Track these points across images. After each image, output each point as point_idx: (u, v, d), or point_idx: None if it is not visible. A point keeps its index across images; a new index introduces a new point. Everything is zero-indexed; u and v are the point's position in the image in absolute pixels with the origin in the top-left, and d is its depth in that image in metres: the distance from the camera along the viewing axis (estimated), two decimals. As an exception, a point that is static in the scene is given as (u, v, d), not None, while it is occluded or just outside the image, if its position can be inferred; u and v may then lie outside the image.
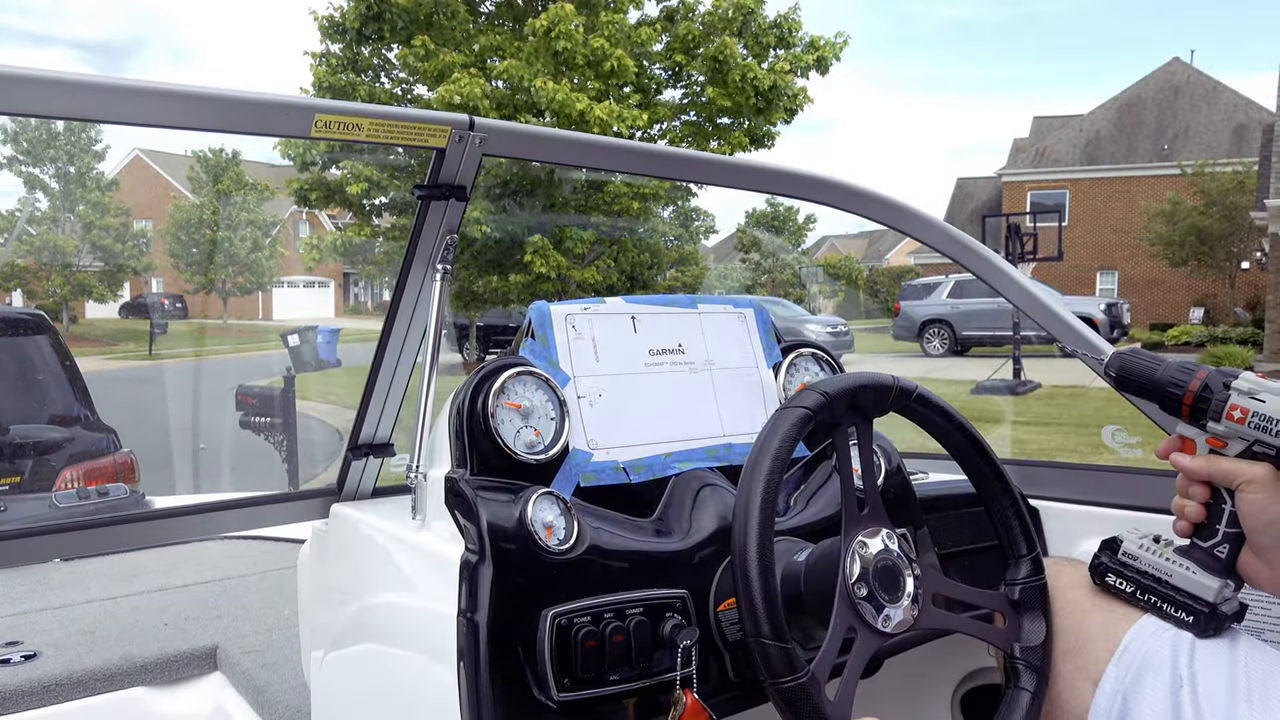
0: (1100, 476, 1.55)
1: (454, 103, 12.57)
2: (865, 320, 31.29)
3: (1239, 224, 23.40)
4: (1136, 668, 1.02)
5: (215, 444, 9.93)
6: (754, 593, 0.92)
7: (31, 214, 29.04)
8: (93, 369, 15.43)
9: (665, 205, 16.59)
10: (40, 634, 2.03)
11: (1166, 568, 1.00)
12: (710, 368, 1.31)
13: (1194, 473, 0.99)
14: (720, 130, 14.68)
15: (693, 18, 14.33)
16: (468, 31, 14.20)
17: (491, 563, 1.00)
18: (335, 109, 1.14)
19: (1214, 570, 0.99)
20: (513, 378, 1.15)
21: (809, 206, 29.87)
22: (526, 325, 1.22)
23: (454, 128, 1.22)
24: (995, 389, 13.16)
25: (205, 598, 2.30)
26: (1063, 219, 18.86)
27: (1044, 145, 31.83)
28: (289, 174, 15.57)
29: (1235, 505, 0.97)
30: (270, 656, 1.91)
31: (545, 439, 1.15)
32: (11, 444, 4.69)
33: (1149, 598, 1.03)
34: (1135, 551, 1.03)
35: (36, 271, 27.61)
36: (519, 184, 13.87)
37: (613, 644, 1.01)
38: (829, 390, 1.03)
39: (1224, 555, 0.98)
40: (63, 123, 23.02)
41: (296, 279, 39.94)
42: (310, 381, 14.36)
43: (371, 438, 1.50)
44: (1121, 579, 1.05)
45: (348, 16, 13.94)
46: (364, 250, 17.82)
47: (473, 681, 0.99)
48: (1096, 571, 1.09)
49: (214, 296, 32.94)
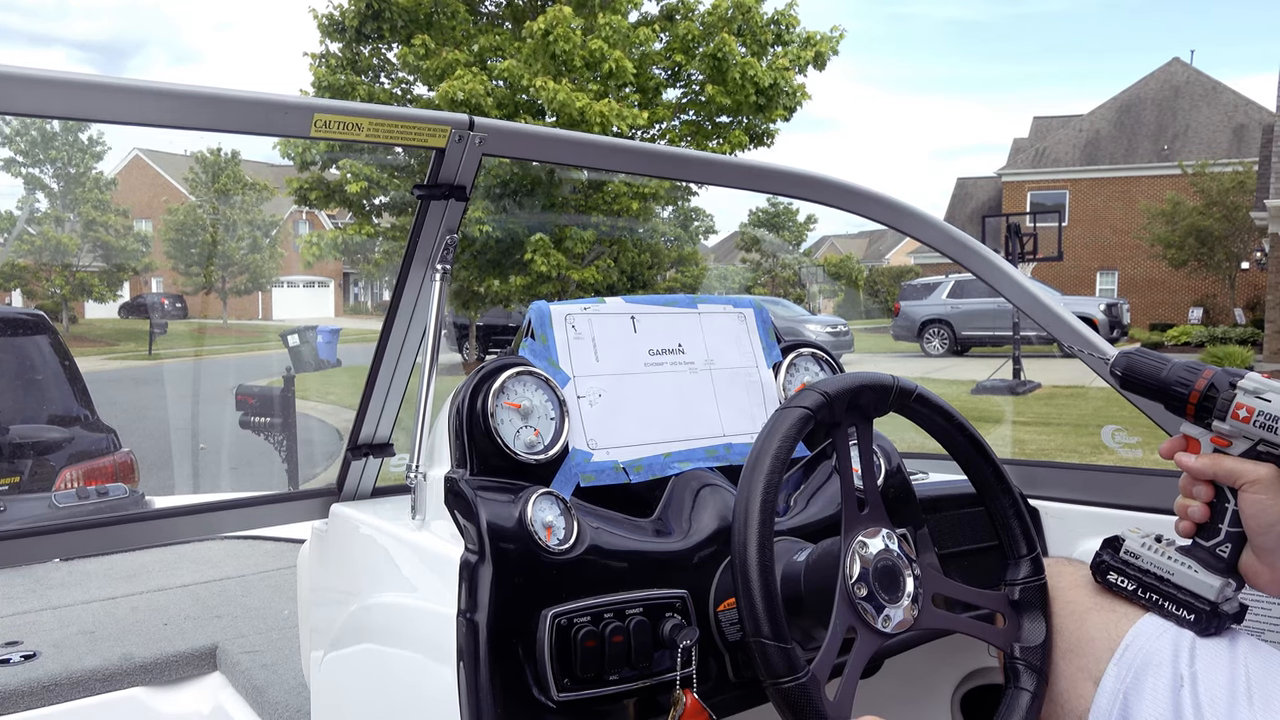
0: (1100, 476, 1.55)
1: (456, 99, 12.57)
2: (865, 320, 31.29)
3: (1239, 224, 23.40)
4: (1137, 668, 1.02)
5: (215, 444, 9.93)
6: (754, 593, 0.92)
7: (31, 213, 29.04)
8: (92, 369, 15.44)
9: (665, 205, 16.58)
10: (40, 634, 2.03)
11: (1169, 566, 1.01)
12: (710, 368, 1.31)
13: (1198, 472, 0.99)
14: (720, 129, 14.69)
15: (692, 17, 14.33)
16: (467, 31, 14.20)
17: (491, 563, 1.00)
18: (335, 109, 1.14)
19: (1216, 569, 0.99)
20: (512, 377, 1.15)
21: (809, 206, 29.89)
22: (526, 325, 1.22)
23: (454, 127, 1.22)
24: (995, 389, 13.16)
25: (205, 598, 2.30)
26: (1062, 219, 18.85)
27: (1044, 145, 31.83)
28: (289, 173, 15.57)
29: (1238, 505, 0.97)
30: (270, 656, 1.91)
31: (545, 439, 1.15)
32: (11, 444, 4.69)
33: (1150, 596, 1.03)
34: (1137, 550, 1.04)
35: (36, 271, 27.60)
36: (519, 184, 13.87)
37: (612, 644, 1.01)
38: (829, 390, 1.03)
39: (1226, 555, 0.98)
40: (61, 123, 23.02)
41: (296, 279, 39.95)
42: (310, 381, 14.36)
43: (371, 438, 1.50)
44: (1123, 577, 1.05)
45: (347, 15, 13.94)
46: (364, 248, 17.83)
47: (472, 681, 0.99)
48: (1098, 570, 1.09)
49: (214, 296, 32.93)
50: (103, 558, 2.64)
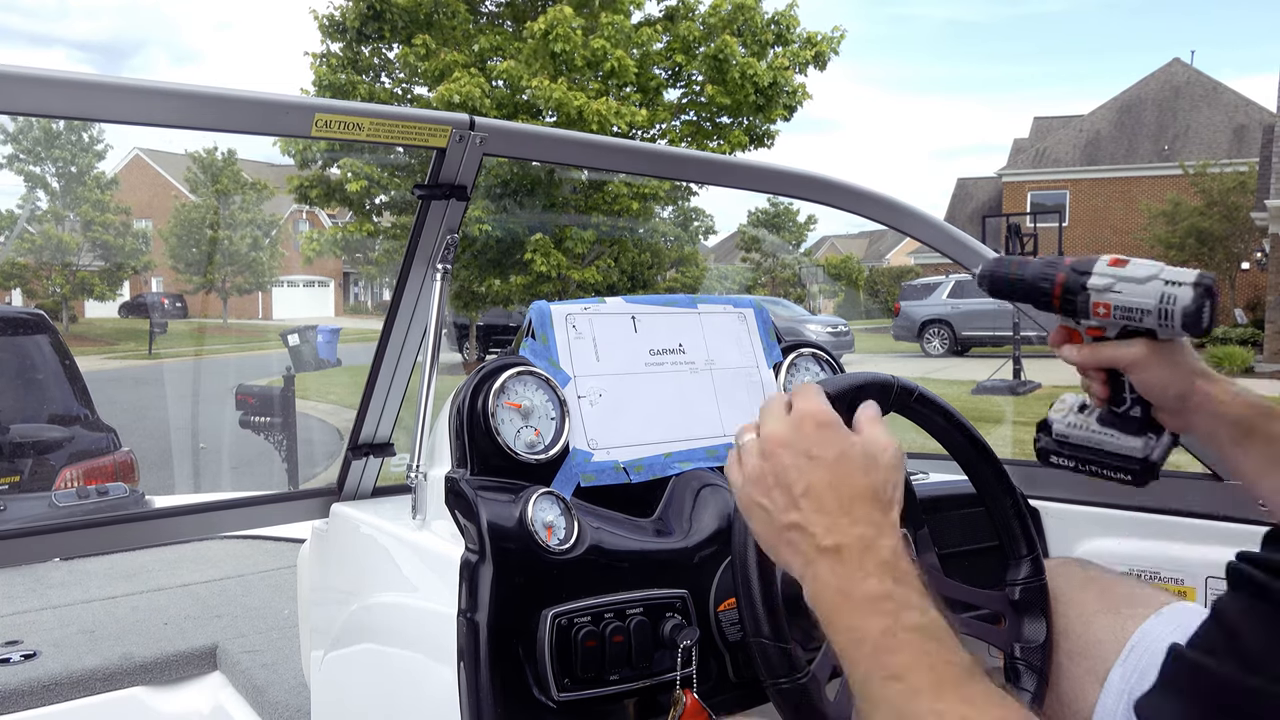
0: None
1: (454, 102, 12.57)
2: (865, 320, 31.27)
3: (1239, 224, 23.38)
4: (1142, 669, 1.02)
5: (215, 443, 9.92)
6: (754, 593, 0.92)
7: (32, 212, 29.04)
8: (92, 368, 15.43)
9: (665, 205, 16.59)
10: (40, 633, 2.03)
11: (1096, 439, 1.04)
12: (710, 368, 1.31)
13: (1081, 365, 1.02)
14: (720, 129, 14.69)
15: (693, 17, 14.34)
16: (467, 31, 14.21)
17: (492, 563, 1.00)
18: (336, 109, 1.14)
19: (1135, 431, 1.03)
20: (513, 377, 1.15)
21: (809, 206, 29.89)
22: (527, 325, 1.22)
23: (454, 127, 1.23)
24: (995, 389, 13.15)
25: (205, 597, 2.30)
26: (1063, 219, 18.84)
27: (1044, 145, 31.81)
28: (289, 173, 15.58)
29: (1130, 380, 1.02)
30: (270, 656, 1.91)
31: (545, 439, 1.15)
32: (11, 443, 4.68)
33: (1090, 467, 1.06)
34: (1065, 431, 1.07)
35: (37, 270, 27.60)
36: (519, 184, 13.87)
37: (613, 644, 1.01)
38: (829, 391, 1.03)
39: (1139, 415, 1.03)
40: (63, 122, 23.02)
41: (296, 278, 39.95)
42: (310, 381, 14.35)
43: (372, 437, 1.50)
44: (1061, 456, 1.08)
45: (348, 15, 13.95)
46: (364, 247, 17.83)
47: (473, 681, 0.99)
48: (1041, 455, 1.11)
49: (214, 296, 32.92)
50: (103, 557, 2.64)
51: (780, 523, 0.73)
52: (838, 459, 0.73)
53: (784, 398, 0.79)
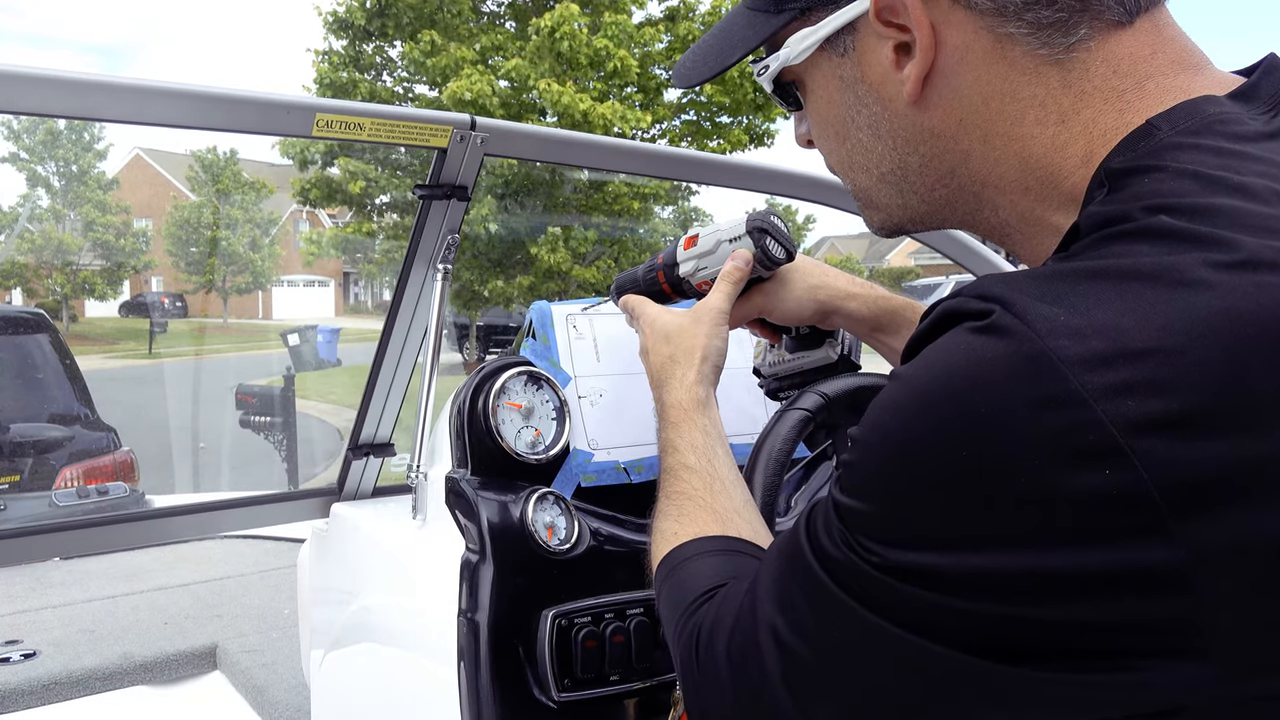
0: None
1: (464, 99, 12.54)
2: (865, 320, 31.19)
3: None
4: None
5: (215, 443, 9.92)
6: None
7: (32, 211, 29.05)
8: (93, 367, 15.42)
9: (665, 205, 16.59)
10: (40, 633, 2.04)
11: (795, 364, 1.13)
12: (711, 368, 1.31)
13: (733, 328, 1.07)
14: (720, 129, 14.69)
15: (693, 18, 14.34)
16: (470, 30, 14.21)
17: (492, 562, 1.00)
18: (337, 109, 1.14)
19: (815, 344, 1.12)
20: (513, 377, 1.15)
21: (809, 206, 29.87)
22: (527, 325, 1.22)
23: (456, 128, 1.23)
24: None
25: (205, 597, 2.30)
26: (1063, 220, 18.86)
27: (1044, 146, 31.84)
28: (289, 173, 15.57)
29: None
30: (270, 656, 1.91)
31: (546, 439, 1.15)
32: (11, 442, 4.69)
33: (804, 387, 1.12)
34: (771, 370, 1.15)
35: (37, 269, 27.60)
36: (520, 184, 13.87)
37: (613, 644, 1.01)
38: (828, 392, 1.03)
39: (807, 333, 1.12)
40: (65, 121, 23.02)
41: (296, 278, 39.93)
42: (310, 381, 14.35)
43: (372, 437, 1.51)
44: (780, 388, 1.16)
45: (354, 12, 13.94)
46: (364, 246, 17.82)
47: (473, 681, 0.99)
48: (771, 395, 1.18)
49: (214, 295, 32.90)
50: (103, 557, 2.64)
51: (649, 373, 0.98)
52: (655, 339, 0.98)
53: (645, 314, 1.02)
